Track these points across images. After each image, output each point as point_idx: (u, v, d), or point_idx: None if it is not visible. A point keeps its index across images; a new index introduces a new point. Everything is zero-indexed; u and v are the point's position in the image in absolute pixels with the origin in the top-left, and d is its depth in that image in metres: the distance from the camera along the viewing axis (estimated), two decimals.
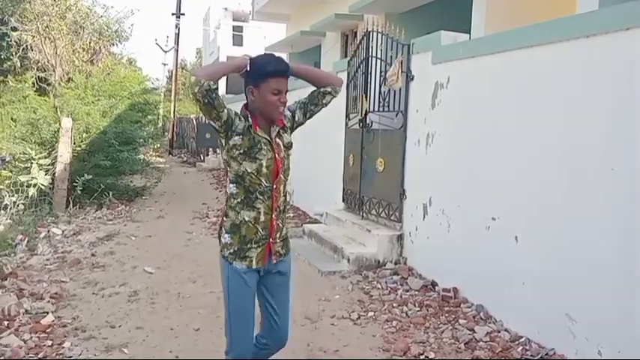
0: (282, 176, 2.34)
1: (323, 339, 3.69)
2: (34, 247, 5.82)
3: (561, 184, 3.39)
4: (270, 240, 2.35)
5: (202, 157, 17.75)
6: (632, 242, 2.91)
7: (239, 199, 2.30)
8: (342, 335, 3.75)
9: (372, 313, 4.16)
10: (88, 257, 5.58)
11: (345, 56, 10.01)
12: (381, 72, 5.75)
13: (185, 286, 4.78)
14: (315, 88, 2.52)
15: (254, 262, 2.33)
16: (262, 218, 2.31)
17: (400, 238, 5.33)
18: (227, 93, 19.42)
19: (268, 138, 2.31)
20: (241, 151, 2.26)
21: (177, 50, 23.40)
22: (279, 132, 2.37)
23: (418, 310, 4.20)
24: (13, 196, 7.29)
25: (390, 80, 5.43)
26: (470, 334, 3.72)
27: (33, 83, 16.36)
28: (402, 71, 5.27)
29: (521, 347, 3.52)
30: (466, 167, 4.38)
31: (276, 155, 2.31)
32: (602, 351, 3.06)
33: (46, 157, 7.98)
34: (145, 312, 4.14)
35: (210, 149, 17.32)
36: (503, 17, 6.19)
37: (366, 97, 6.04)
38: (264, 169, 2.27)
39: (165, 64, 36.93)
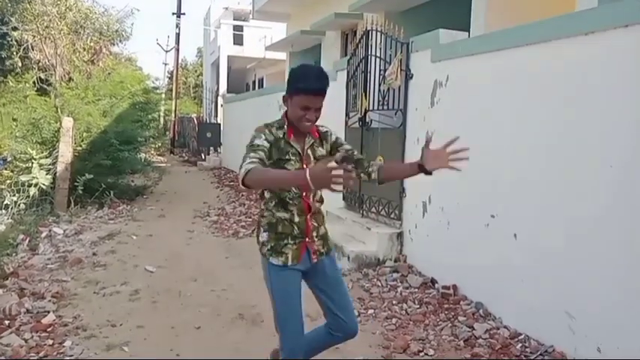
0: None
1: None
2: (36, 246, 5.84)
3: (560, 181, 3.40)
4: (307, 239, 2.40)
5: (203, 156, 17.76)
6: (632, 239, 2.92)
7: (274, 202, 2.37)
8: None
9: (372, 311, 4.18)
10: (89, 256, 5.60)
11: (345, 55, 10.01)
12: (380, 70, 5.76)
13: (186, 285, 4.79)
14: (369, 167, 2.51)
15: (289, 259, 2.38)
16: (297, 219, 2.37)
17: (400, 235, 5.34)
18: (228, 92, 19.47)
19: (299, 149, 2.34)
20: (274, 160, 2.28)
21: (178, 50, 23.41)
22: (313, 144, 2.39)
23: (418, 308, 4.22)
24: (14, 195, 7.32)
25: (389, 79, 5.44)
26: (469, 332, 3.74)
27: (34, 83, 16.38)
28: (401, 70, 5.28)
29: (520, 344, 3.53)
30: (465, 165, 4.38)
31: (304, 166, 2.32)
32: (601, 347, 3.07)
33: (47, 157, 8.00)
34: (146, 311, 4.16)
35: (212, 148, 17.33)
36: (502, 15, 6.19)
37: (365, 96, 6.04)
38: None
39: (166, 64, 36.95)
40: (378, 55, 5.86)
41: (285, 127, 2.34)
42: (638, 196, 2.87)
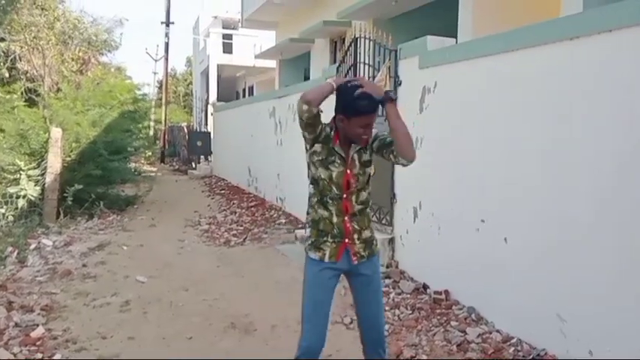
0: (354, 189, 2.45)
1: None
2: (24, 258, 5.77)
3: (551, 186, 3.42)
4: (346, 240, 2.47)
5: (194, 165, 17.70)
6: (623, 244, 2.94)
7: (316, 199, 2.50)
8: (335, 340, 3.73)
9: None
10: (79, 268, 5.54)
11: (334, 62, 10.05)
12: (369, 78, 5.78)
13: (178, 295, 4.76)
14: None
15: (327, 256, 2.47)
16: (335, 219, 2.46)
17: (391, 241, 5.34)
18: (218, 100, 19.46)
19: (344, 155, 2.45)
20: (320, 158, 2.46)
21: (167, 59, 23.34)
22: (359, 149, 2.48)
23: (410, 313, 4.21)
24: (2, 207, 7.24)
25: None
26: (462, 336, 3.73)
27: (22, 94, 16.27)
28: (389, 76, 5.31)
29: (512, 348, 3.53)
30: (455, 170, 4.41)
31: (348, 170, 2.44)
32: (592, 350, 3.08)
33: (35, 168, 7.92)
34: (137, 322, 4.12)
35: (202, 157, 17.28)
36: (489, 21, 6.26)
37: None
38: (335, 179, 2.43)
39: (155, 73, 36.91)
40: (366, 62, 5.89)
41: (332, 132, 2.47)
42: (630, 201, 2.89)
